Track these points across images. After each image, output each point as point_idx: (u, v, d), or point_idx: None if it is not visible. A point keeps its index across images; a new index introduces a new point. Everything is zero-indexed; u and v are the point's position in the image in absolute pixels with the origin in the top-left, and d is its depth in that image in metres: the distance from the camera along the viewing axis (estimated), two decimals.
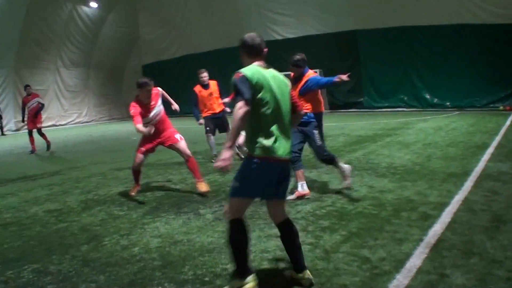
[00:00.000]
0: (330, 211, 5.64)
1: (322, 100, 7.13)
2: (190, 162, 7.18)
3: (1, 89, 28.24)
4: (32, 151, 14.96)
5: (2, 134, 27.12)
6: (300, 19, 26.51)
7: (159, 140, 7.16)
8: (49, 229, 5.74)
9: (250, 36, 3.80)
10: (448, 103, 22.18)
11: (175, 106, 7.92)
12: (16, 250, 5.00)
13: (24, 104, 15.04)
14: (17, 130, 28.85)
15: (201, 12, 30.83)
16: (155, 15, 34.01)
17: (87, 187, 8.39)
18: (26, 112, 14.97)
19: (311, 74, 6.81)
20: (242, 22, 28.89)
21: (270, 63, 3.94)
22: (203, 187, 7.06)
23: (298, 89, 6.47)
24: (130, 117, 6.92)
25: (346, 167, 6.60)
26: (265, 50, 3.90)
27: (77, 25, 31.73)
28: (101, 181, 8.94)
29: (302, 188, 6.43)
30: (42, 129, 15.34)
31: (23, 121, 15.49)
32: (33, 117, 14.81)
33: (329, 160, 6.70)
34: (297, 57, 6.66)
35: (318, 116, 6.92)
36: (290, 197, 6.09)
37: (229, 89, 4.24)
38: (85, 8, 31.57)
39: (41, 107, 15.02)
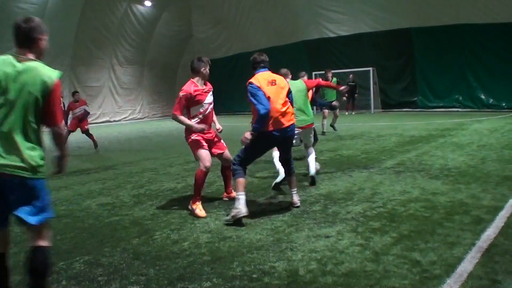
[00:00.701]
0: (381, 213, 5.50)
1: None
2: (228, 169, 6.38)
3: None
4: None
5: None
6: (353, 16, 26.17)
7: (209, 137, 6.25)
8: (101, 222, 5.85)
9: None
10: (504, 104, 21.45)
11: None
12: (68, 241, 5.11)
13: (69, 109, 14.79)
14: None
15: (254, 10, 30.92)
16: (208, 13, 34.32)
17: (139, 182, 8.53)
18: (70, 116, 14.84)
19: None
20: (295, 19, 28.82)
21: (323, 60, 3.87)
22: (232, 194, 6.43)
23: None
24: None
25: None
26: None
27: (132, 24, 32.45)
28: (153, 176, 9.07)
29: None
30: (89, 130, 15.28)
31: (66, 125, 14.82)
32: (78, 122, 14.87)
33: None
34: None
35: None
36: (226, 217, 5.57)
37: None
38: (139, 7, 32.25)
39: (86, 114, 15.09)
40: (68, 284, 3.92)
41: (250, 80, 5.67)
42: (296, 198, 5.98)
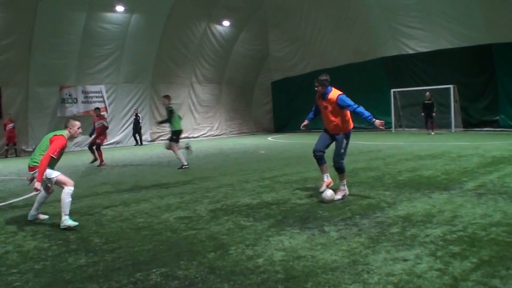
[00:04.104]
0: (461, 236, 5.25)
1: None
2: None
3: (139, 102, 30.32)
4: (100, 164, 16.40)
5: (141, 144, 28.98)
6: (432, 32, 25.47)
7: None
8: (179, 235, 5.96)
9: None
10: None
11: None
12: (146, 253, 5.23)
13: (93, 123, 17.12)
14: (152, 140, 30.77)
15: (330, 27, 30.83)
16: (285, 32, 34.55)
17: (216, 197, 8.65)
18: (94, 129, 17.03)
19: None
20: (372, 36, 28.50)
21: (402, 78, 3.80)
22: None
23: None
24: (263, 130, 7.00)
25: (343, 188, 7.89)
26: None
27: (211, 43, 33.24)
28: (229, 192, 9.17)
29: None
30: (101, 148, 16.82)
31: (90, 135, 17.37)
32: (97, 135, 16.64)
33: (339, 169, 7.95)
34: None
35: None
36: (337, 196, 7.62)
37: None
38: (218, 27, 33.01)
39: (104, 128, 16.96)
40: None
41: (341, 92, 7.92)
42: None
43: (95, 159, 16.58)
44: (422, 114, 24.06)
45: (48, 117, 26.24)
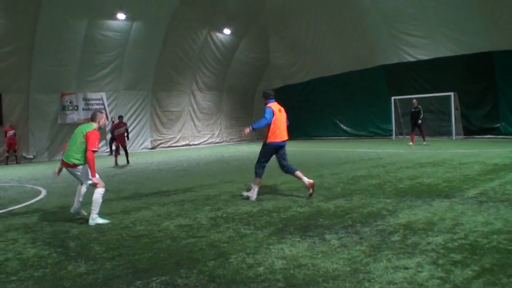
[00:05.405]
0: (462, 244, 5.23)
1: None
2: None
3: (140, 109, 30.39)
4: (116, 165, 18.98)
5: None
6: (433, 39, 25.51)
7: None
8: (179, 243, 5.94)
9: None
10: None
11: None
12: (146, 261, 5.21)
13: (112, 128, 19.94)
14: (153, 148, 30.78)
15: (331, 35, 30.89)
16: (285, 40, 34.65)
17: (216, 205, 8.63)
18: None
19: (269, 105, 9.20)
20: (373, 44, 28.56)
21: (403, 85, 3.81)
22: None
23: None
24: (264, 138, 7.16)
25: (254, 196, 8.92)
26: None
27: (212, 51, 33.36)
28: (230, 199, 9.16)
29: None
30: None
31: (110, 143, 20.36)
32: (123, 140, 19.53)
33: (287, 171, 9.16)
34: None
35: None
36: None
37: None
38: (219, 35, 33.12)
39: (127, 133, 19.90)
40: None
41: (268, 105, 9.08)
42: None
43: (128, 162, 19.17)
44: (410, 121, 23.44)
45: (48, 124, 26.32)
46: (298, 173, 9.00)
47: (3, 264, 5.33)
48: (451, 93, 24.55)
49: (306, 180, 8.78)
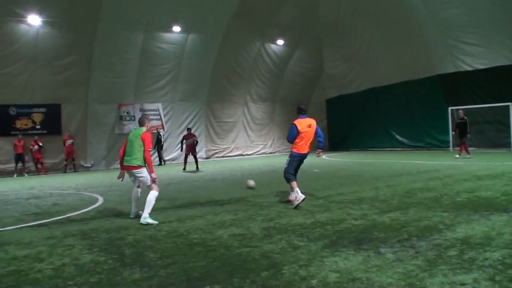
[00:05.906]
0: None
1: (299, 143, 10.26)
2: None
3: (195, 120, 30.82)
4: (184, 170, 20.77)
5: (164, 163, 28.74)
6: (490, 48, 24.74)
7: None
8: (232, 252, 5.94)
9: None
10: None
11: None
12: (200, 269, 5.23)
13: (183, 139, 21.80)
14: (207, 158, 31.14)
15: (385, 44, 30.48)
16: (339, 50, 34.40)
17: (269, 215, 8.61)
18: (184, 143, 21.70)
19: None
20: (429, 53, 27.98)
21: (460, 95, 3.68)
22: None
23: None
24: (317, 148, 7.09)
25: (299, 195, 9.03)
26: None
27: (265, 62, 33.56)
28: (282, 210, 9.10)
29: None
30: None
31: (181, 150, 22.41)
32: (193, 149, 21.33)
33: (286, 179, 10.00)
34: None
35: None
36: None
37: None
38: (272, 46, 33.29)
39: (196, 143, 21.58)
40: None
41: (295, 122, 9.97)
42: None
43: (197, 168, 21.08)
44: (453, 133, 22.94)
45: (106, 133, 27.08)
46: (294, 183, 9.65)
47: (60, 269, 5.47)
48: (510, 103, 23.70)
49: (295, 195, 9.31)
